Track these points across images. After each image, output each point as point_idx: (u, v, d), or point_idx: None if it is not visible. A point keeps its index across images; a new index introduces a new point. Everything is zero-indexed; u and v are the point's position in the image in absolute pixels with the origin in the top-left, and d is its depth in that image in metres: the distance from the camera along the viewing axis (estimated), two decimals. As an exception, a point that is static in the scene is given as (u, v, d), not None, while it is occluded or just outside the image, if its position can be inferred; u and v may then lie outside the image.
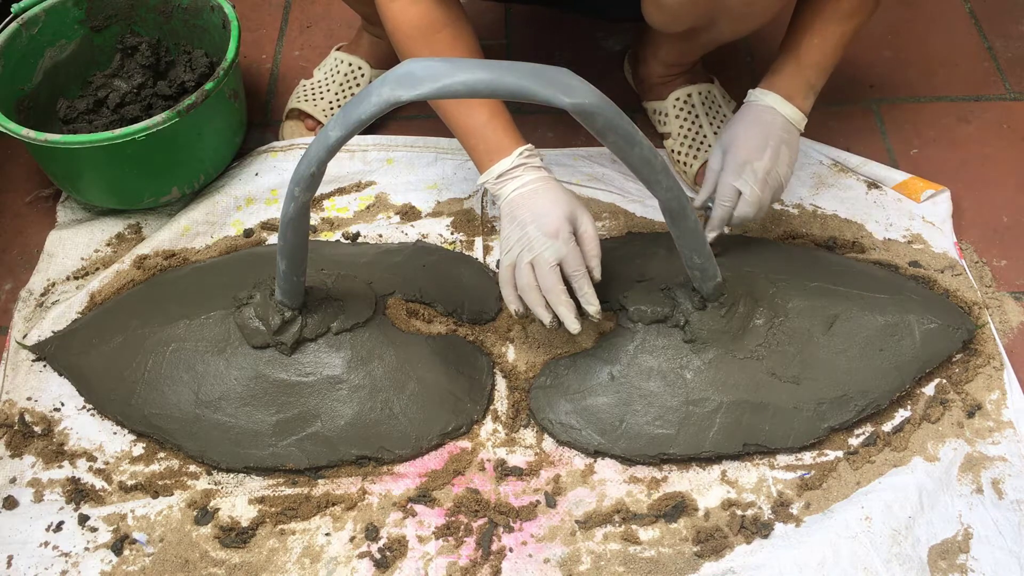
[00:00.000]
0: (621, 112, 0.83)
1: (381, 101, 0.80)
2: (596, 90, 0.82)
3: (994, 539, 0.96)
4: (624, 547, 0.97)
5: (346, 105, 0.83)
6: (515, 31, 1.56)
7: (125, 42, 1.37)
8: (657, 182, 0.90)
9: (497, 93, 0.80)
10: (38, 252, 1.27)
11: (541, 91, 0.80)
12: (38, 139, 1.16)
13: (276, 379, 1.05)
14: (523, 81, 0.79)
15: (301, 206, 0.91)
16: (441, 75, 0.79)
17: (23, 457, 1.06)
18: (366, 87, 0.82)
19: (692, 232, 0.96)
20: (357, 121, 0.82)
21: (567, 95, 0.80)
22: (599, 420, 1.04)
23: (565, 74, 0.81)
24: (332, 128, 0.84)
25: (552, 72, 0.81)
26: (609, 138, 0.85)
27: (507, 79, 0.79)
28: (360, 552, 0.98)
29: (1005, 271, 1.21)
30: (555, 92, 0.80)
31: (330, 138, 0.84)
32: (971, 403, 1.06)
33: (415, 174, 1.32)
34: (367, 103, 0.81)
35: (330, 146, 0.84)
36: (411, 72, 0.80)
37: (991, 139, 1.37)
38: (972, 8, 1.57)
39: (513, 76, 0.79)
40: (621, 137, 0.85)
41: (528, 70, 0.80)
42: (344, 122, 0.83)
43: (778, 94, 1.10)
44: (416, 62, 0.80)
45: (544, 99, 0.80)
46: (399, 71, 0.80)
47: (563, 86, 0.80)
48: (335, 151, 0.85)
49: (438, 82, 0.79)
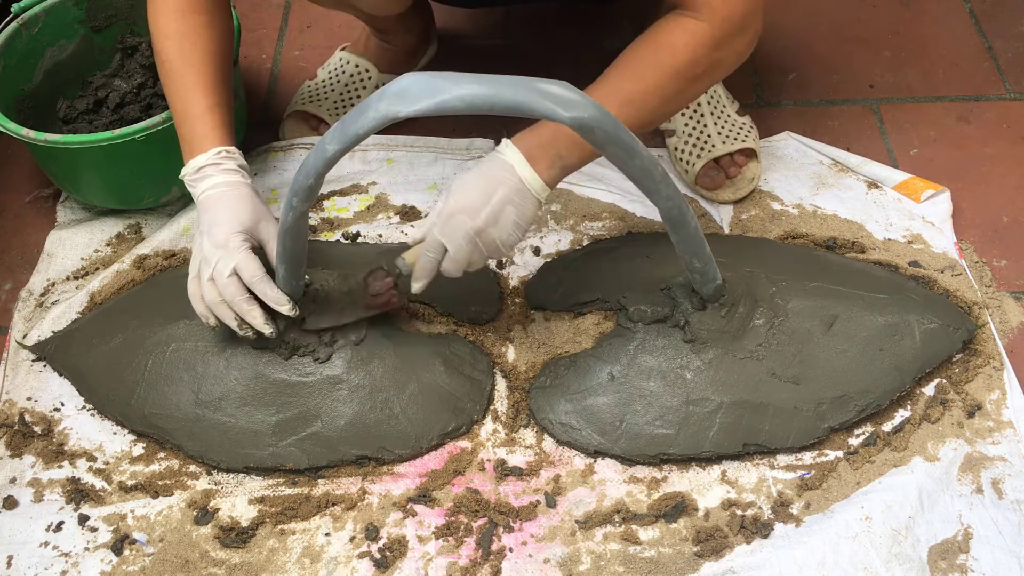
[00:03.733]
0: (620, 123, 0.84)
1: (379, 116, 0.81)
2: (595, 102, 0.82)
3: (994, 539, 0.96)
4: (624, 547, 0.97)
5: (344, 119, 0.84)
6: (515, 32, 1.56)
7: (125, 42, 1.37)
8: (657, 191, 0.91)
9: (495, 108, 0.80)
10: (38, 252, 1.27)
11: (539, 106, 0.80)
12: (38, 139, 1.16)
13: (276, 379, 1.05)
14: (521, 96, 0.80)
15: (299, 215, 0.92)
16: (439, 91, 0.80)
17: (23, 457, 1.06)
18: (363, 101, 0.83)
19: (692, 238, 0.97)
20: (355, 136, 0.83)
21: (566, 109, 0.80)
22: (599, 420, 1.04)
23: (563, 87, 0.82)
24: (330, 142, 0.84)
25: (550, 86, 0.81)
26: (609, 150, 0.85)
27: (505, 94, 0.80)
28: (360, 552, 0.98)
29: (1005, 271, 1.21)
30: (553, 107, 0.80)
31: (328, 151, 0.85)
32: (971, 403, 1.06)
33: (415, 174, 1.32)
34: (364, 118, 0.82)
35: (328, 159, 0.85)
36: (408, 88, 0.80)
37: (991, 139, 1.37)
38: (972, 8, 1.57)
39: (511, 91, 0.80)
40: (621, 149, 0.85)
41: (525, 85, 0.80)
42: (342, 136, 0.83)
43: (521, 153, 0.98)
44: (413, 77, 0.81)
45: (542, 113, 0.80)
46: (396, 86, 0.81)
47: (561, 100, 0.81)
48: (333, 164, 0.86)
49: (435, 97, 0.79)
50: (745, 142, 1.27)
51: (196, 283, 1.01)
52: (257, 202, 1.03)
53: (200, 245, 1.00)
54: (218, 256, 0.98)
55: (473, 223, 0.97)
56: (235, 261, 0.98)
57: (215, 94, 1.06)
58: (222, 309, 0.99)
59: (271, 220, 1.02)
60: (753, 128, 1.31)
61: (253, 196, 1.03)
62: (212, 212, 1.01)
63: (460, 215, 0.97)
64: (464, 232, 0.97)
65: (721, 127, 1.29)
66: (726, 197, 1.27)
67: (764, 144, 1.33)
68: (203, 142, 1.03)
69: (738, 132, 1.29)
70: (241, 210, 1.00)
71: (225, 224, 0.99)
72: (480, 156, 1.33)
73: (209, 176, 1.02)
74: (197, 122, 1.04)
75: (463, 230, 0.97)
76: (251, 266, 0.98)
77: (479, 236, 0.98)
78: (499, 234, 0.98)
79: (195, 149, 1.03)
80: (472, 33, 1.56)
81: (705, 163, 1.27)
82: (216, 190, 1.01)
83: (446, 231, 0.98)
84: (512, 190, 0.97)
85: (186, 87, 1.05)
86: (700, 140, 1.29)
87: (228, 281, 0.98)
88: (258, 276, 0.98)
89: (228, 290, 0.98)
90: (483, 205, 0.97)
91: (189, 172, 1.03)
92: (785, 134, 1.35)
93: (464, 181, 0.98)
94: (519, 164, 0.98)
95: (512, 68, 1.39)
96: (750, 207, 1.26)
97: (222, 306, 0.99)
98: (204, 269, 0.99)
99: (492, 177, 0.98)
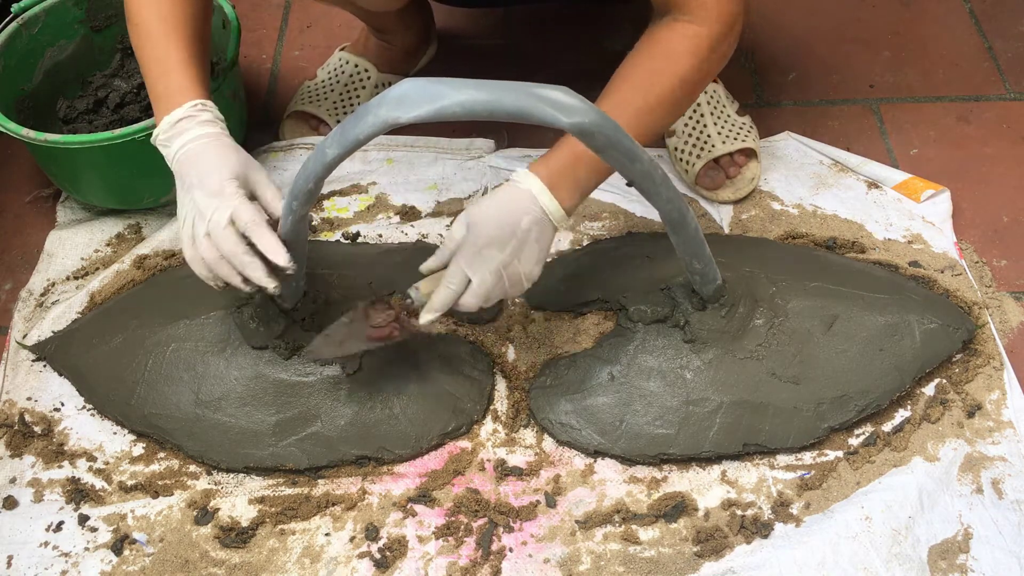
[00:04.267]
0: (620, 128, 0.84)
1: (378, 122, 0.81)
2: (595, 108, 0.82)
3: (994, 539, 0.96)
4: (624, 547, 0.97)
5: (344, 123, 0.84)
6: (515, 32, 1.56)
7: (125, 42, 1.37)
8: (658, 194, 0.91)
9: (495, 114, 0.80)
10: (38, 252, 1.27)
11: (540, 112, 0.80)
12: (38, 139, 1.16)
13: (276, 379, 1.05)
14: (521, 102, 0.80)
15: (299, 218, 0.92)
16: (438, 97, 0.80)
17: (23, 457, 1.06)
18: (363, 106, 0.82)
19: (692, 239, 0.97)
20: (355, 141, 0.83)
21: (566, 115, 0.80)
22: (599, 420, 1.04)
23: (563, 92, 0.82)
24: (330, 146, 0.84)
25: (550, 92, 0.81)
26: (610, 154, 0.85)
27: (505, 100, 0.80)
28: (360, 552, 0.98)
29: (1005, 271, 1.21)
30: (554, 113, 0.80)
31: (327, 155, 0.85)
32: (971, 403, 1.06)
33: (415, 174, 1.32)
34: (364, 123, 0.82)
35: (327, 163, 0.85)
36: (407, 93, 0.80)
37: (991, 139, 1.37)
38: (972, 8, 1.57)
39: (511, 97, 0.80)
40: (622, 153, 0.85)
41: (525, 91, 0.80)
42: (342, 141, 0.84)
43: (542, 181, 0.95)
44: (412, 83, 0.81)
45: (543, 120, 0.80)
46: (395, 92, 0.80)
47: (562, 106, 0.81)
48: (332, 168, 0.86)
49: (435, 104, 0.79)
50: (745, 142, 1.27)
51: (192, 247, 0.95)
52: (241, 150, 0.97)
53: (191, 200, 0.94)
54: (214, 206, 0.92)
55: (502, 256, 0.94)
56: (231, 208, 0.92)
57: (192, 49, 1.00)
58: (222, 266, 0.93)
59: (260, 167, 0.97)
60: (753, 128, 1.31)
61: (236, 145, 0.97)
62: (199, 164, 0.94)
63: (489, 248, 0.94)
64: (493, 266, 0.94)
65: (721, 127, 1.29)
66: (726, 197, 1.27)
67: (764, 144, 1.33)
68: (179, 96, 0.97)
69: (738, 132, 1.29)
70: (229, 157, 0.95)
71: (216, 173, 0.93)
72: (480, 156, 1.33)
73: (188, 130, 0.96)
74: (173, 76, 0.98)
75: (493, 263, 0.94)
76: (248, 211, 0.92)
77: (505, 270, 0.95)
78: (524, 267, 0.96)
79: (171, 104, 0.97)
80: (472, 33, 1.56)
81: (705, 163, 1.27)
82: (197, 142, 0.95)
83: (475, 263, 0.94)
84: (534, 220, 0.94)
85: (161, 44, 0.99)
86: (700, 140, 1.29)
87: (225, 232, 0.92)
88: (255, 221, 0.92)
89: (226, 243, 0.92)
90: (510, 237, 0.94)
91: (164, 128, 0.97)
92: (785, 134, 1.35)
93: (486, 211, 0.94)
94: (540, 193, 0.94)
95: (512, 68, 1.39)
96: (750, 207, 1.26)
97: (222, 263, 0.93)
98: (199, 224, 0.93)
99: (516, 208, 0.94)
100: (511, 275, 0.95)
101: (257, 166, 0.97)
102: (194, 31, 1.02)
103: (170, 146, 0.96)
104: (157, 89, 0.99)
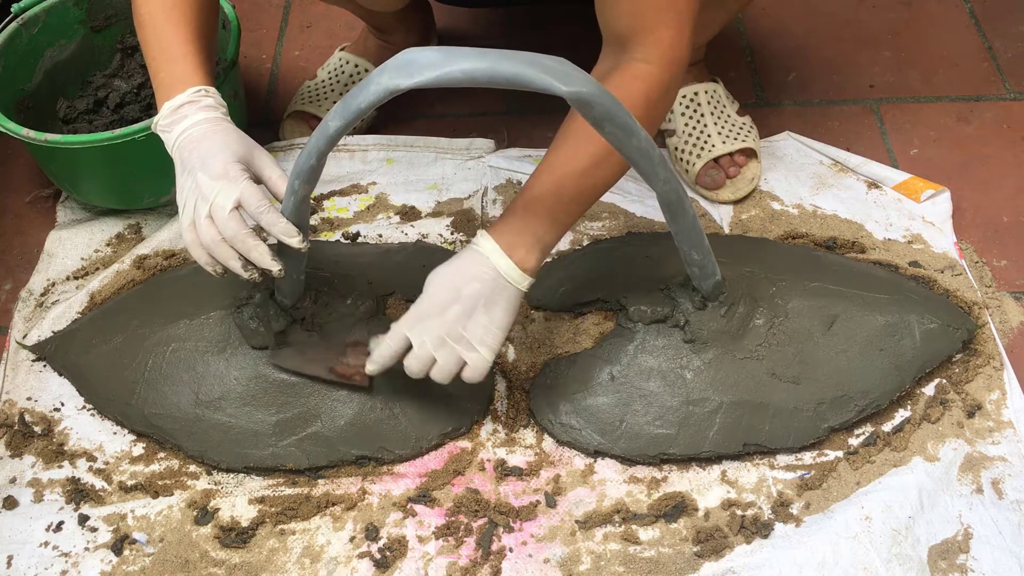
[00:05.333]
0: (618, 102, 0.83)
1: (380, 89, 0.81)
2: (594, 79, 0.82)
3: (994, 539, 0.96)
4: (624, 547, 0.97)
5: (346, 96, 0.83)
6: (515, 32, 1.56)
7: (125, 42, 1.37)
8: (655, 174, 0.90)
9: (495, 80, 0.80)
10: (38, 252, 1.27)
11: (538, 79, 0.80)
12: (38, 139, 1.16)
13: (276, 379, 1.05)
14: (520, 69, 0.79)
15: (301, 200, 0.91)
16: (439, 63, 0.79)
17: (23, 457, 1.06)
18: (366, 77, 0.82)
19: (691, 227, 0.96)
20: (357, 110, 0.82)
21: (564, 83, 0.80)
22: (599, 420, 1.04)
23: (563, 63, 0.81)
24: (332, 118, 0.84)
25: (550, 61, 0.81)
26: (606, 128, 0.84)
27: (504, 67, 0.79)
28: (360, 552, 0.98)
29: (1005, 271, 1.21)
30: (552, 80, 0.80)
31: (330, 128, 0.84)
32: (971, 403, 1.06)
33: (415, 174, 1.33)
34: (366, 92, 0.81)
35: (330, 136, 0.84)
36: (410, 61, 0.80)
37: (991, 139, 1.38)
38: (972, 8, 1.57)
39: (510, 64, 0.79)
40: (618, 127, 0.84)
41: (525, 58, 0.80)
42: (344, 112, 0.83)
43: (496, 242, 0.93)
44: (415, 51, 0.81)
45: (541, 87, 0.80)
46: (398, 60, 0.81)
47: (560, 74, 0.80)
48: (335, 141, 0.85)
49: (437, 70, 0.79)
50: (745, 142, 1.28)
51: (192, 230, 0.92)
52: (244, 134, 0.96)
53: (193, 183, 0.92)
54: (218, 189, 0.90)
55: (443, 321, 0.93)
56: (238, 192, 0.90)
57: (196, 39, 0.99)
58: (222, 249, 0.91)
59: (263, 150, 0.95)
60: (753, 128, 1.31)
61: (239, 130, 0.96)
62: (201, 147, 0.92)
63: (431, 312, 0.93)
64: (434, 333, 0.93)
65: (721, 127, 1.29)
66: (726, 197, 1.27)
67: (764, 144, 1.33)
68: (181, 83, 0.95)
69: (738, 132, 1.29)
70: (233, 140, 0.93)
71: (220, 155, 0.91)
72: (480, 156, 1.33)
73: (188, 115, 0.94)
74: (176, 64, 0.96)
75: (434, 330, 0.93)
76: (256, 195, 0.90)
77: (449, 336, 0.93)
78: (474, 334, 0.93)
79: (173, 91, 0.95)
80: (472, 33, 1.56)
81: (705, 163, 1.27)
82: (199, 127, 0.93)
83: (416, 327, 0.94)
84: (487, 285, 0.93)
85: (165, 34, 0.98)
86: (700, 140, 1.29)
87: (229, 216, 0.89)
88: (264, 206, 0.90)
89: (230, 226, 0.90)
90: (453, 302, 0.93)
91: (165, 114, 0.95)
92: (785, 134, 1.35)
93: (441, 275, 0.95)
94: (494, 254, 0.93)
95: (512, 68, 1.38)
96: (750, 207, 1.26)
97: (222, 245, 0.91)
98: (201, 207, 0.91)
99: (467, 273, 0.93)
100: (459, 341, 0.94)
101: (261, 148, 0.96)
102: (199, 22, 1.01)
103: (171, 132, 0.95)
104: (160, 77, 0.98)
